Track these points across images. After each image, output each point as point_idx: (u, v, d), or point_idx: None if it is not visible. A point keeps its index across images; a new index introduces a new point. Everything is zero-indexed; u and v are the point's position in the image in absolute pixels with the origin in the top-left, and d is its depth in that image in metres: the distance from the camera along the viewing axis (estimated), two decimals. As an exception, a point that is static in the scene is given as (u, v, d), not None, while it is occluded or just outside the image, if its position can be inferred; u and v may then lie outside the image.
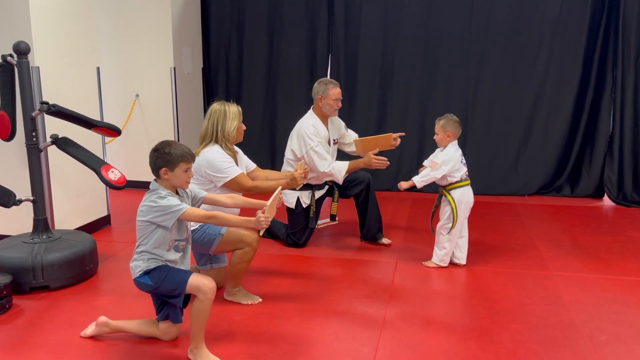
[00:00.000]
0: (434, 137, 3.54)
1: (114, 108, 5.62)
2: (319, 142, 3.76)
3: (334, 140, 4.01)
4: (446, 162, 3.41)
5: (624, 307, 3.01)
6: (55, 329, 2.75)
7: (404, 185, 3.47)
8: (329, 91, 3.80)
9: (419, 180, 3.43)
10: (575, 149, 5.52)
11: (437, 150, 3.56)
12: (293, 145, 3.86)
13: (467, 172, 3.53)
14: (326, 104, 3.82)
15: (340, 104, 3.88)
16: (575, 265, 3.64)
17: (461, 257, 3.61)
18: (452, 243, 3.54)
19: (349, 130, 4.17)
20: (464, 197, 3.48)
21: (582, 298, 3.13)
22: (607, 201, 5.40)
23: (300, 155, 3.79)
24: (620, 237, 4.27)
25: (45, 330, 2.75)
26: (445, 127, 3.47)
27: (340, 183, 3.86)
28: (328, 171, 3.75)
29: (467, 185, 3.51)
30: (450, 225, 3.48)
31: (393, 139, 3.80)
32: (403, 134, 3.93)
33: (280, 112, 6.06)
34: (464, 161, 3.51)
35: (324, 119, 3.90)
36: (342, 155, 4.20)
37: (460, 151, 3.52)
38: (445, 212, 3.52)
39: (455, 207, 3.45)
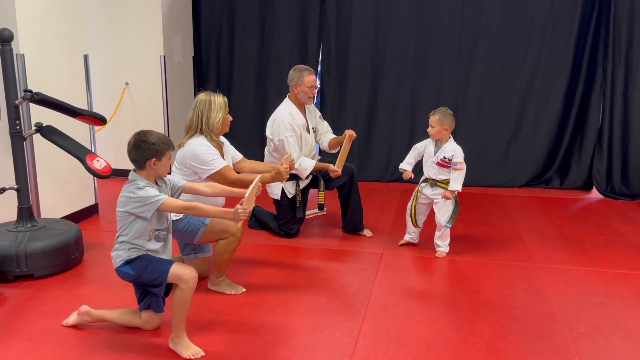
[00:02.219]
0: (429, 130, 3.57)
1: (103, 96, 5.59)
2: (293, 135, 3.75)
3: (313, 128, 3.99)
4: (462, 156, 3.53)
5: (605, 299, 3.04)
6: (38, 318, 2.76)
7: (450, 195, 3.52)
8: (304, 78, 3.77)
9: (459, 186, 3.50)
10: (564, 141, 5.53)
11: (440, 151, 3.56)
12: (268, 132, 3.84)
13: None
14: (301, 91, 3.80)
15: (315, 91, 3.87)
16: (559, 258, 3.67)
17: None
18: None
19: (325, 121, 4.15)
20: None
21: (564, 290, 3.15)
22: (595, 194, 5.42)
23: (276, 141, 3.77)
24: (606, 229, 4.29)
25: (28, 318, 2.75)
26: (442, 121, 3.52)
27: (303, 179, 3.87)
28: (295, 165, 3.72)
29: None
30: (453, 216, 3.56)
31: (350, 135, 3.81)
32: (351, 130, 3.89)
33: (271, 101, 6.01)
34: None
35: (300, 106, 3.88)
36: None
37: None
38: (446, 205, 3.57)
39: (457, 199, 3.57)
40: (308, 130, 3.92)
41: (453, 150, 3.52)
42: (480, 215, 4.63)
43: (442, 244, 3.66)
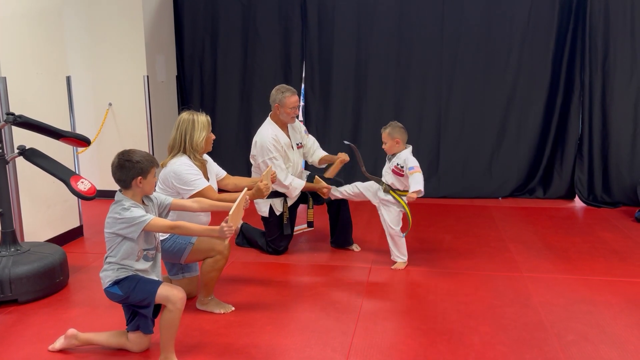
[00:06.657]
0: (383, 147, 3.67)
1: (86, 117, 5.56)
2: (278, 155, 3.75)
3: (298, 144, 3.99)
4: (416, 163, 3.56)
5: (592, 307, 3.07)
6: (23, 344, 2.71)
7: (414, 196, 3.46)
8: (286, 100, 3.76)
9: (421, 187, 3.44)
10: (546, 151, 5.62)
11: (395, 158, 3.62)
12: (253, 152, 3.86)
13: None
14: (283, 112, 3.79)
15: (297, 112, 3.88)
16: (545, 267, 3.70)
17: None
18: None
19: (310, 136, 4.17)
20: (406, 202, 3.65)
21: (551, 299, 3.18)
22: (578, 202, 5.50)
23: (260, 162, 3.78)
24: (589, 237, 4.35)
25: (13, 344, 2.70)
26: (392, 134, 3.62)
27: (292, 198, 3.88)
28: (286, 183, 3.74)
29: None
30: (401, 227, 3.65)
31: (342, 160, 3.96)
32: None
33: (255, 119, 6.03)
34: None
35: (283, 125, 3.88)
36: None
37: None
38: (392, 213, 3.65)
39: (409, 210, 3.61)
40: (292, 147, 3.92)
41: (406, 158, 3.56)
42: (466, 227, 4.66)
43: (399, 253, 3.69)
